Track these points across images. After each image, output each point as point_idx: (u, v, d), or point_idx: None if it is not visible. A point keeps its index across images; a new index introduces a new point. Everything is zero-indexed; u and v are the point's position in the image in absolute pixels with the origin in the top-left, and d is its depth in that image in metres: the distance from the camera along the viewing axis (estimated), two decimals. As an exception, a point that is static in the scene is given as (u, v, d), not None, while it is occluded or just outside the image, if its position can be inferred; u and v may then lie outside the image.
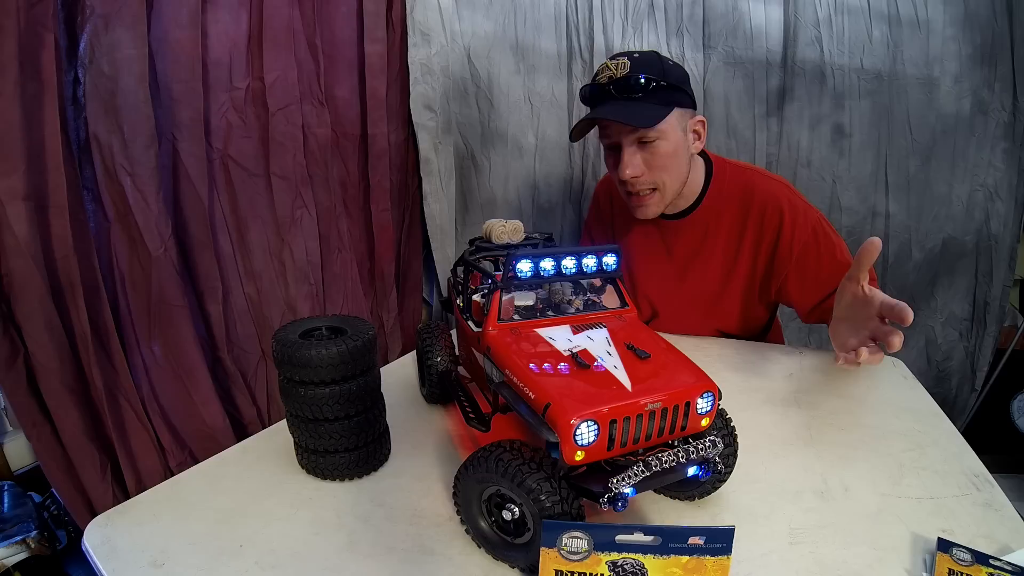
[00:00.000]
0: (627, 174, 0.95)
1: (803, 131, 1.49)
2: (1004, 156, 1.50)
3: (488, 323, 0.62)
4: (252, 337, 1.14)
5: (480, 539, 0.56)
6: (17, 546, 0.99)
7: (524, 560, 0.52)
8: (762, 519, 0.59)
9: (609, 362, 0.54)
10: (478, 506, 0.55)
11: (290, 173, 1.14)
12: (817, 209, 1.01)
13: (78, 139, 0.89)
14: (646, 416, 0.49)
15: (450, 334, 0.84)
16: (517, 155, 1.49)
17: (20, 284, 0.81)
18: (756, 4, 1.42)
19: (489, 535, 0.55)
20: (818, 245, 0.97)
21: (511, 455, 0.50)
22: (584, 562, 0.44)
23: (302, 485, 0.67)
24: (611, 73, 0.91)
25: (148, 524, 0.60)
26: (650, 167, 0.95)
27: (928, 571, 0.52)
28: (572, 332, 0.61)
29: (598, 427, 0.47)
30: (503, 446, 0.51)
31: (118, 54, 0.88)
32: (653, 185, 0.97)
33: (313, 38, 1.14)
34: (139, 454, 0.97)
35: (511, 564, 0.54)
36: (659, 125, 0.92)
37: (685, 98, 0.95)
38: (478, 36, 1.40)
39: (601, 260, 0.63)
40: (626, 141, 0.94)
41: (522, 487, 0.48)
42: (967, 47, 1.44)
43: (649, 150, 0.94)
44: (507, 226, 0.76)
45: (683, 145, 0.97)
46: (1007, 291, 1.61)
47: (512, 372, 0.55)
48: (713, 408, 0.52)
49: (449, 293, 0.89)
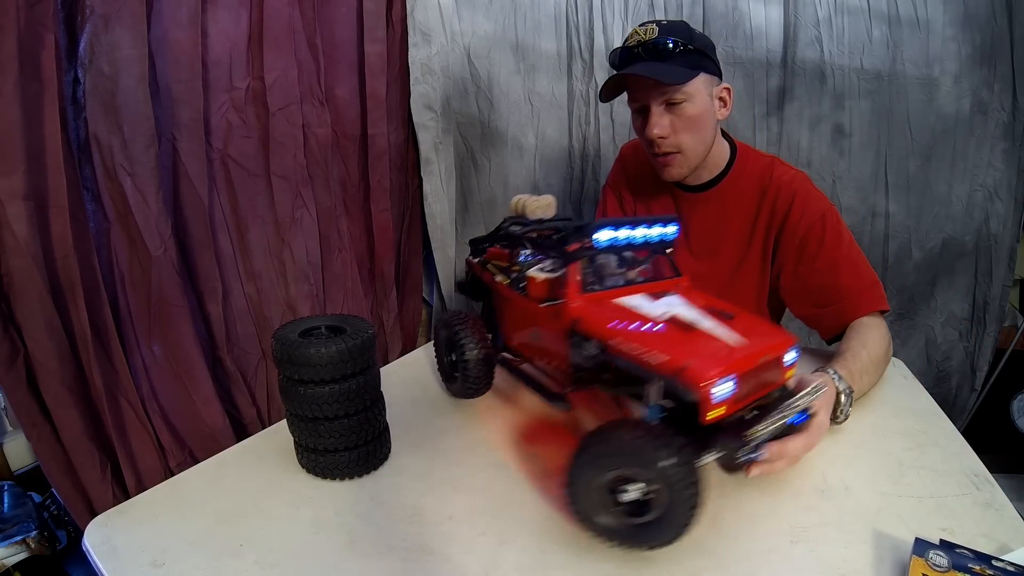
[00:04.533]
0: (655, 133, 0.96)
1: (803, 131, 1.49)
2: (1004, 156, 1.50)
3: (570, 296, 0.61)
4: (252, 337, 1.14)
5: (604, 531, 0.53)
6: (17, 546, 0.99)
7: (657, 538, 0.51)
8: (762, 518, 0.59)
9: (705, 324, 0.55)
10: (600, 495, 0.52)
11: (290, 173, 1.14)
12: (833, 205, 1.01)
13: (78, 139, 0.89)
14: (759, 370, 0.51)
15: (482, 321, 0.80)
16: (517, 155, 1.49)
17: (20, 284, 0.81)
18: (756, 4, 1.42)
19: (615, 524, 0.52)
20: (824, 231, 0.95)
21: (634, 432, 0.49)
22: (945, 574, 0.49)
23: (302, 484, 0.67)
24: (640, 37, 0.94)
25: (148, 524, 0.60)
26: (676, 129, 0.97)
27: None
28: (652, 299, 0.61)
29: (735, 382, 0.49)
30: (622, 424, 0.50)
31: (118, 54, 0.88)
32: (678, 147, 0.99)
33: (313, 38, 1.14)
34: (139, 454, 0.97)
35: (642, 547, 0.52)
36: (686, 87, 0.93)
37: (712, 65, 0.97)
38: (478, 36, 1.40)
39: (666, 228, 0.64)
40: (654, 103, 0.96)
41: (652, 464, 0.47)
42: (967, 47, 1.44)
43: (676, 112, 0.96)
44: (540, 201, 0.75)
45: (709, 110, 0.98)
46: (1007, 291, 1.61)
47: (622, 341, 0.54)
48: (796, 362, 0.55)
49: (472, 277, 0.86)
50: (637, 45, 0.94)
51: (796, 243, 0.98)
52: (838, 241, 0.96)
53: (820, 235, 0.96)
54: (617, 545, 0.53)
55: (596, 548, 0.55)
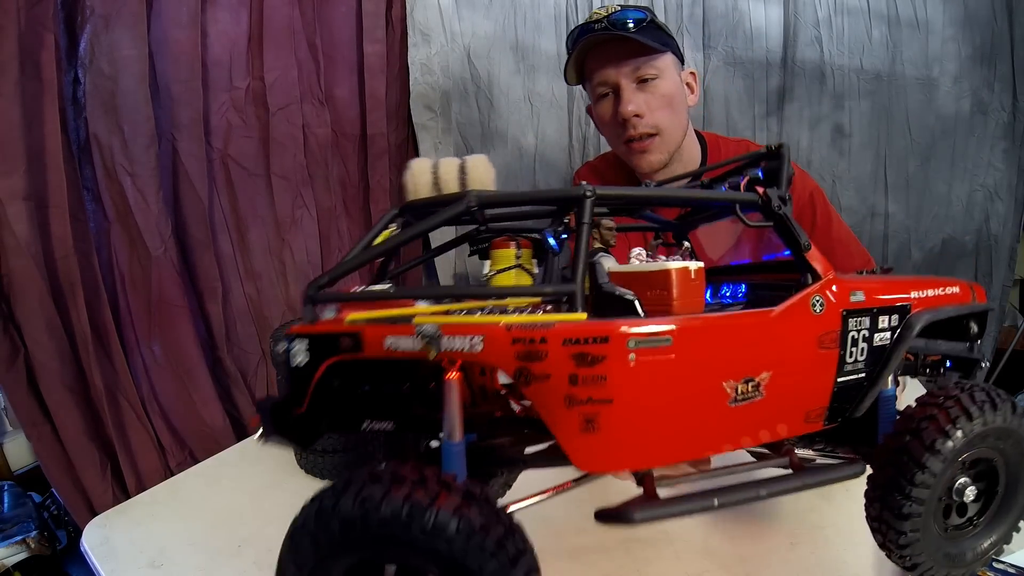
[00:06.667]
0: (629, 110, 0.91)
1: (803, 131, 1.49)
2: (1004, 156, 1.50)
3: (826, 272, 0.44)
4: (252, 337, 1.14)
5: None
6: (17, 546, 0.99)
7: None
8: (762, 519, 0.59)
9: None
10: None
11: (290, 173, 1.14)
12: (815, 181, 0.98)
13: (78, 139, 0.89)
14: None
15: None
16: (517, 155, 1.49)
17: (20, 284, 0.81)
18: (756, 4, 1.42)
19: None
20: (814, 209, 0.94)
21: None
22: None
23: (302, 485, 0.66)
24: (601, 15, 0.90)
25: (147, 524, 0.60)
26: (650, 107, 0.92)
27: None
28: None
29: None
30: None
31: (118, 54, 0.88)
32: (654, 128, 0.93)
33: (313, 38, 1.14)
34: (139, 454, 0.97)
35: None
36: (656, 62, 0.90)
37: (676, 48, 0.94)
38: (478, 36, 1.40)
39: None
40: (624, 80, 0.91)
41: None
42: (967, 47, 1.44)
43: (649, 89, 0.92)
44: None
45: (680, 92, 0.95)
46: (1007, 291, 1.61)
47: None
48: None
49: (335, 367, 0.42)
50: (598, 21, 0.89)
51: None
52: (828, 220, 0.94)
53: (811, 217, 0.94)
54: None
55: (596, 549, 0.55)
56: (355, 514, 0.32)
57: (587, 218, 0.36)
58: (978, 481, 0.44)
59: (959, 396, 0.41)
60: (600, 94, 0.95)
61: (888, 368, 0.45)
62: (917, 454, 0.40)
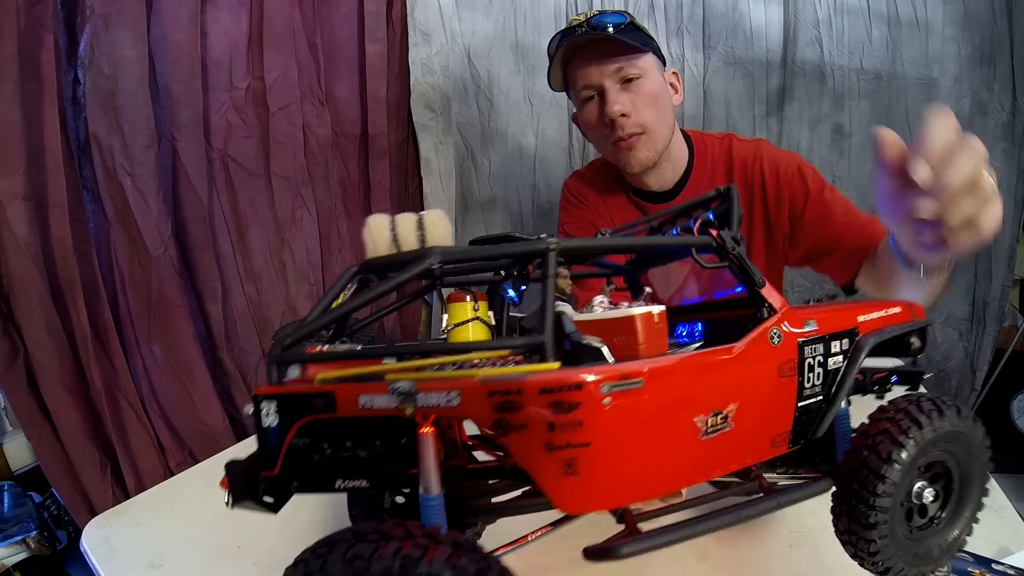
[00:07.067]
0: (615, 110, 0.91)
1: (803, 131, 1.49)
2: (1003, 156, 1.50)
3: (781, 305, 0.46)
4: (252, 337, 1.14)
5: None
6: (17, 546, 0.99)
7: None
8: (761, 522, 0.59)
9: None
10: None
11: (290, 173, 1.14)
12: (800, 156, 0.98)
13: (78, 139, 0.89)
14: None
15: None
16: (517, 155, 1.49)
17: (20, 284, 0.81)
18: (756, 4, 1.42)
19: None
20: (804, 180, 0.94)
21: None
22: None
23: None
24: (581, 19, 0.90)
25: (147, 525, 0.60)
26: (636, 106, 0.92)
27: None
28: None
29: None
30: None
31: (118, 54, 0.88)
32: (640, 128, 0.93)
33: (313, 38, 1.14)
34: (139, 454, 0.97)
35: None
36: (639, 61, 0.90)
37: (657, 48, 0.94)
38: (478, 36, 1.40)
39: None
40: (608, 81, 0.91)
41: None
42: (966, 47, 1.44)
43: (634, 88, 0.92)
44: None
45: (665, 91, 0.95)
46: (1007, 291, 1.61)
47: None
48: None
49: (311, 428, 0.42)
50: (579, 25, 0.90)
51: (786, 204, 0.95)
52: (821, 187, 0.94)
53: (803, 187, 0.94)
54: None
55: (588, 570, 0.55)
56: (345, 575, 0.31)
57: (551, 271, 0.37)
58: (935, 483, 0.46)
59: (908, 408, 0.43)
60: (585, 98, 0.95)
61: (843, 389, 0.47)
62: (876, 467, 0.42)
